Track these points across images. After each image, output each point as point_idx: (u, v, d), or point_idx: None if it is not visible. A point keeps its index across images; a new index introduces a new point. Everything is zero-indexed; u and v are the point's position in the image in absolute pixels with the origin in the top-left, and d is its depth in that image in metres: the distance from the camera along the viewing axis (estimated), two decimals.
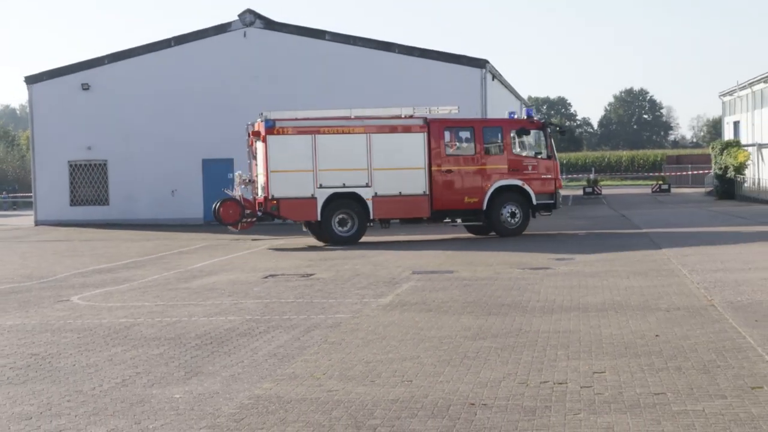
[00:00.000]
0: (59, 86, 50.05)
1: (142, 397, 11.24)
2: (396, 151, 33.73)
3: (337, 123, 33.68)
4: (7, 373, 12.77)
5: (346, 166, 33.31)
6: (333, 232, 33.44)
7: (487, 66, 46.65)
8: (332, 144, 33.31)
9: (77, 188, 49.89)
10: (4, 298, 20.68)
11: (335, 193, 33.25)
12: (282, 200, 32.95)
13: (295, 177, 32.98)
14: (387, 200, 33.58)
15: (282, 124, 33.17)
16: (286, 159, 32.93)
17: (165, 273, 25.33)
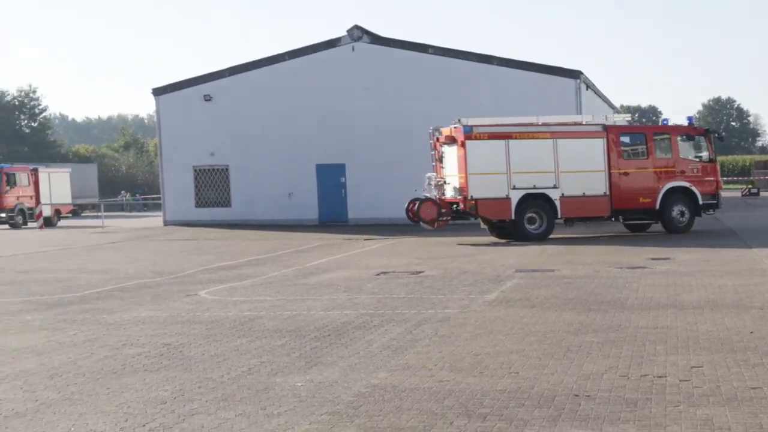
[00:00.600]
0: (183, 97, 50.78)
1: (267, 384, 11.35)
2: (579, 155, 34.17)
3: (526, 129, 34.16)
4: (142, 361, 12.99)
5: (535, 168, 33.76)
6: (525, 230, 33.86)
7: (581, 77, 46.21)
8: (523, 148, 33.76)
9: (201, 191, 50.56)
10: (138, 293, 21.02)
11: (527, 193, 33.74)
12: (480, 200, 33.39)
13: (491, 179, 33.43)
14: (573, 200, 34.03)
15: (478, 130, 33.59)
16: (483, 162, 33.37)
17: (284, 270, 25.53)
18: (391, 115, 47.15)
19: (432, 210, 33.88)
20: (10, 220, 58.21)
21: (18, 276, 25.60)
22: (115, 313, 17.89)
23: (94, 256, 32.01)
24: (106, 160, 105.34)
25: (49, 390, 11.39)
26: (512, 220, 33.85)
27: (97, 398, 10.90)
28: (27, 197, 60.09)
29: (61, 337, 15.24)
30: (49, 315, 17.80)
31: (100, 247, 36.58)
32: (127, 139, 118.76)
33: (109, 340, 14.83)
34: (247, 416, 9.90)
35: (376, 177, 47.10)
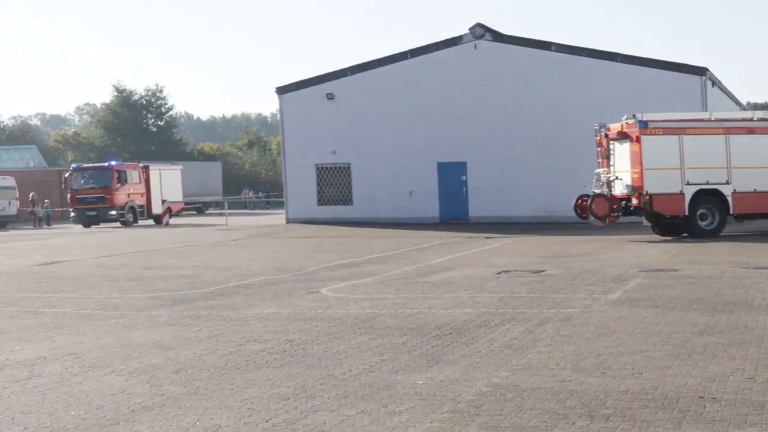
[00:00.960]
0: (306, 96, 51.22)
1: (388, 382, 11.39)
2: (752, 151, 33.80)
3: (699, 125, 34.00)
4: (265, 357, 13.15)
5: (708, 164, 33.55)
6: (697, 226, 33.69)
7: (707, 73, 45.34)
8: (696, 144, 33.55)
9: (324, 189, 50.97)
10: (261, 290, 21.28)
11: (700, 189, 33.53)
12: (654, 196, 33.20)
13: (665, 174, 33.27)
14: (745, 196, 33.71)
15: (653, 125, 33.45)
16: (658, 157, 33.20)
17: (405, 268, 25.60)
18: (513, 113, 46.92)
19: (604, 206, 33.51)
20: (121, 217, 58.56)
21: (144, 272, 26.12)
22: (238, 309, 18.15)
23: (218, 253, 32.50)
24: (229, 158, 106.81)
25: (175, 384, 11.61)
26: (685, 216, 33.54)
27: (221, 393, 11.07)
28: (138, 195, 60.53)
29: (186, 332, 15.52)
30: (175, 311, 18.13)
31: (223, 245, 37.12)
32: (251, 138, 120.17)
33: (233, 336, 15.05)
34: (368, 413, 9.95)
35: (498, 175, 46.93)
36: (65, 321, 17.25)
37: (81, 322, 16.99)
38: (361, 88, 49.87)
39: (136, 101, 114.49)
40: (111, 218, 58.38)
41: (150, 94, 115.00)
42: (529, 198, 46.43)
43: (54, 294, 21.57)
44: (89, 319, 17.33)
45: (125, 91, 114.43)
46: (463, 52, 48.32)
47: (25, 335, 15.73)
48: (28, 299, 20.67)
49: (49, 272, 26.95)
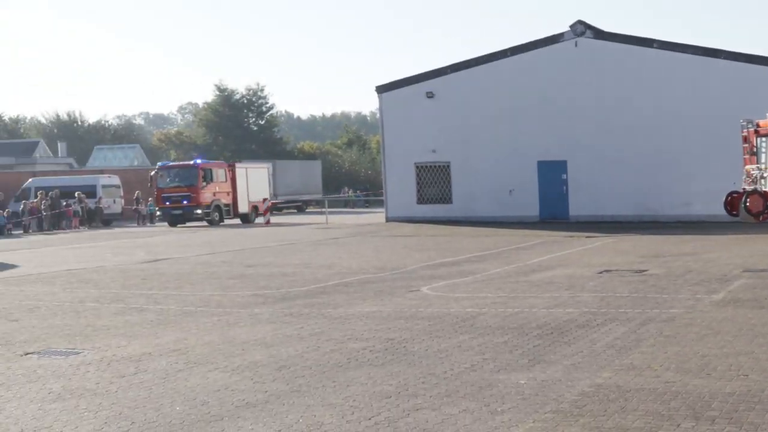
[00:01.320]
0: (406, 94, 51.25)
1: (490, 381, 11.37)
2: None
3: None
4: (367, 356, 13.21)
5: None
6: None
7: None
8: None
9: (423, 188, 50.98)
10: (361, 288, 21.37)
11: None
12: None
13: None
14: None
15: None
16: None
17: (505, 267, 25.51)
18: (614, 111, 46.41)
19: (758, 202, 32.83)
20: (206, 216, 57.71)
21: (246, 270, 26.39)
22: (339, 307, 18.25)
23: (319, 252, 32.70)
24: (329, 156, 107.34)
25: (278, 382, 11.72)
26: None
27: (323, 391, 11.15)
28: (224, 193, 59.61)
29: (288, 330, 15.65)
30: (277, 308, 18.30)
31: (324, 243, 37.34)
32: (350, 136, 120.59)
33: (334, 333, 15.15)
34: (470, 412, 9.95)
35: (598, 173, 46.48)
36: (170, 318, 17.52)
37: (185, 319, 17.24)
38: (462, 86, 49.73)
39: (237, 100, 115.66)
40: (196, 217, 57.67)
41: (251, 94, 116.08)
42: (629, 197, 45.89)
43: (158, 291, 21.91)
44: (193, 316, 17.58)
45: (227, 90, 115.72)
46: (564, 50, 47.91)
47: (130, 331, 16.01)
48: (133, 296, 21.02)
49: (154, 269, 27.38)
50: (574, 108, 47.02)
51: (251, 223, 59.84)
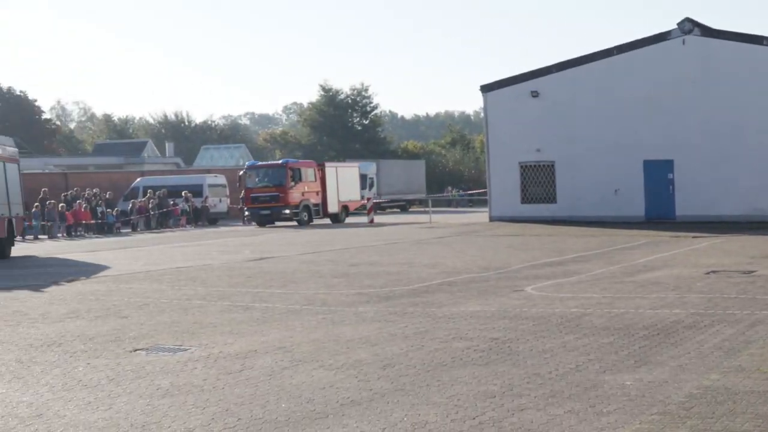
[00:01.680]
0: (510, 94, 51.03)
1: (595, 382, 11.27)
2: None
3: None
4: (471, 355, 13.18)
5: None
6: None
7: None
8: None
9: (527, 187, 50.73)
10: (465, 287, 21.33)
11: None
12: None
13: None
14: None
15: None
16: None
17: (610, 267, 25.26)
18: (722, 110, 45.65)
19: None
20: (295, 216, 56.94)
21: (350, 269, 26.52)
22: (443, 306, 18.25)
23: (423, 251, 32.72)
24: (433, 156, 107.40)
25: (383, 380, 11.76)
26: None
27: (428, 390, 11.16)
28: (312, 193, 58.82)
29: (392, 329, 15.69)
30: (381, 307, 18.35)
31: (427, 242, 37.36)
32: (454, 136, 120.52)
33: (438, 332, 15.15)
34: (576, 413, 9.87)
35: (706, 173, 45.79)
36: (275, 316, 17.68)
37: (290, 317, 17.38)
38: (567, 85, 49.38)
39: (342, 100, 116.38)
40: (284, 217, 56.93)
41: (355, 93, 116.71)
42: (738, 196, 45.12)
43: (264, 289, 22.13)
44: (298, 314, 17.72)
45: (332, 90, 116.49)
46: (671, 48, 47.27)
47: (236, 329, 16.19)
48: (239, 294, 21.25)
49: (259, 268, 27.65)
50: (681, 107, 46.40)
51: (341, 222, 59.48)
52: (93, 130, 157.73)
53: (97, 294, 22.03)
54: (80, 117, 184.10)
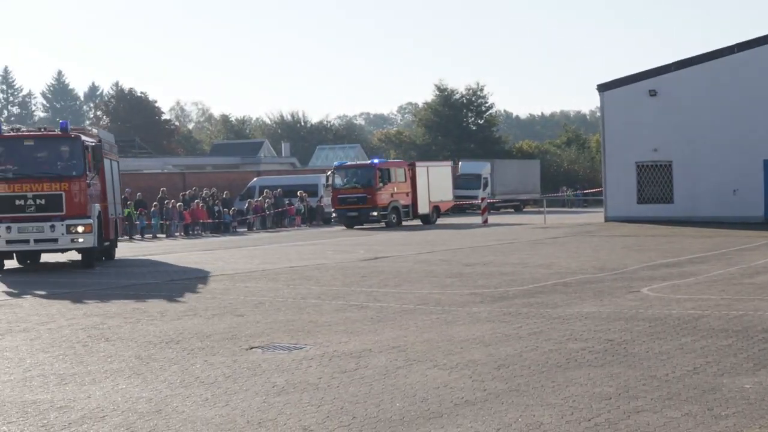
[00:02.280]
0: (628, 93, 50.46)
1: (713, 385, 11.09)
2: None
3: None
4: (586, 356, 13.07)
5: None
6: None
7: None
8: None
9: (644, 187, 50.10)
10: (580, 288, 21.15)
11: None
12: None
13: None
14: None
15: None
16: None
17: (728, 268, 24.81)
18: None
19: None
20: (383, 218, 55.45)
21: (464, 269, 26.47)
22: (558, 307, 18.12)
23: (537, 251, 32.53)
24: (548, 156, 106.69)
25: (497, 380, 11.73)
26: None
27: (542, 390, 11.10)
28: (402, 194, 57.05)
29: (506, 329, 15.64)
30: (495, 307, 18.29)
31: (542, 242, 37.13)
32: (569, 135, 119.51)
33: (552, 333, 15.05)
34: (693, 416, 9.73)
35: None
36: (389, 315, 17.74)
37: (404, 317, 17.43)
38: (685, 84, 48.64)
39: (457, 100, 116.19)
40: (372, 219, 55.30)
41: (470, 93, 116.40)
42: None
43: (378, 288, 22.21)
44: (412, 314, 17.75)
45: (447, 90, 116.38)
46: None
47: (351, 328, 16.28)
48: (354, 293, 21.37)
49: (373, 267, 27.77)
50: None
51: (432, 224, 57.68)
52: (211, 130, 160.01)
53: (214, 292, 22.36)
54: (198, 117, 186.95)
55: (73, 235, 28.94)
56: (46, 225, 28.73)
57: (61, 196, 28.92)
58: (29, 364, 13.70)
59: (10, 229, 28.53)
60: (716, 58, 48.39)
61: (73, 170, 29.42)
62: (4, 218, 28.60)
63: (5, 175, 28.99)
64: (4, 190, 28.78)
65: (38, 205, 28.77)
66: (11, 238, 28.74)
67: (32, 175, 29.07)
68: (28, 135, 30.56)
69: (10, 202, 28.72)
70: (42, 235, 28.83)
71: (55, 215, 28.83)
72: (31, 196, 28.72)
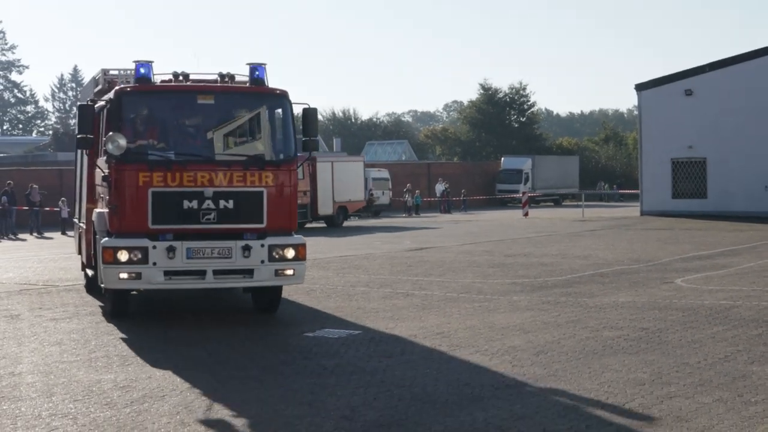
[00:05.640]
0: (664, 92, 50.12)
1: (744, 372, 11.03)
2: None
3: None
4: (621, 344, 13.03)
5: None
6: None
7: None
8: None
9: (678, 183, 49.72)
10: (616, 278, 21.03)
11: None
12: None
13: None
14: None
15: None
16: None
17: (759, 261, 24.57)
18: None
19: None
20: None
21: (506, 259, 26.41)
22: (595, 296, 18.05)
23: (575, 243, 32.38)
24: (586, 152, 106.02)
25: (536, 366, 11.72)
26: None
27: (579, 376, 11.08)
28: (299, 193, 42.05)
29: (545, 317, 15.61)
30: (534, 296, 18.25)
31: (580, 235, 36.95)
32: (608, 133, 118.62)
33: (589, 322, 15.00)
34: (724, 402, 9.68)
35: None
36: (433, 302, 17.75)
37: (448, 304, 17.43)
38: (720, 84, 48.17)
39: (500, 98, 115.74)
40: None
41: (513, 92, 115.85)
42: None
43: (423, 277, 22.22)
44: (455, 302, 17.75)
45: (491, 89, 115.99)
46: None
47: (397, 314, 16.31)
48: (400, 282, 21.39)
49: (419, 257, 27.75)
50: None
51: (338, 227, 48.41)
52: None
53: None
54: None
55: (278, 263, 15.56)
56: (235, 246, 15.36)
57: (261, 195, 15.54)
58: (94, 346, 13.84)
59: (174, 251, 15.07)
60: (749, 59, 47.90)
61: (280, 151, 16.29)
62: (165, 230, 15.21)
63: (166, 157, 15.44)
64: (163, 182, 15.11)
65: (221, 211, 15.31)
66: (176, 267, 15.19)
67: (210, 159, 15.59)
68: (201, 87, 16.32)
69: (175, 205, 15.22)
70: (228, 263, 15.35)
71: (250, 228, 15.54)
72: (211, 194, 15.21)
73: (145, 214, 15.03)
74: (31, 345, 13.94)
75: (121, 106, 15.44)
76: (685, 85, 49.26)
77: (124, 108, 15.47)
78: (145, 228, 15.07)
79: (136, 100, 15.77)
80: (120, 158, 14.99)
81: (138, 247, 14.97)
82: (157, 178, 15.06)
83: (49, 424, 9.52)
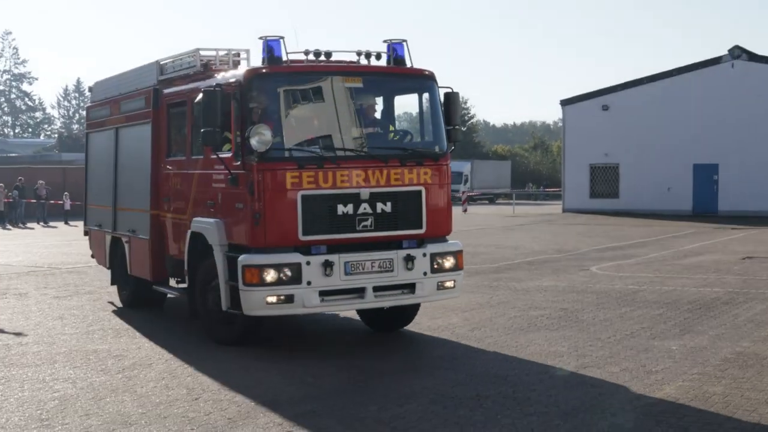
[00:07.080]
0: (585, 107, 50.41)
1: (646, 346, 11.16)
2: None
3: None
4: (544, 321, 13.13)
5: None
6: None
7: None
8: None
9: (595, 184, 50.05)
10: (541, 266, 21.17)
11: None
12: None
13: None
14: None
15: None
16: None
17: (662, 252, 24.83)
18: (763, 123, 44.52)
19: None
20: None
21: None
22: (522, 281, 18.16)
23: (507, 235, 32.52)
24: (517, 158, 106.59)
25: (471, 340, 11.80)
26: None
27: (508, 348, 11.17)
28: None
29: (480, 299, 15.69)
30: (471, 281, 18.27)
31: (511, 229, 37.12)
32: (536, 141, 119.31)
33: (518, 303, 15.11)
34: (629, 371, 9.81)
35: (746, 176, 44.68)
36: None
37: None
38: (632, 101, 48.57)
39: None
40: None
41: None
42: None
43: None
44: None
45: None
46: (721, 71, 46.18)
47: None
48: None
49: None
50: (728, 119, 45.26)
51: None
52: None
53: None
54: None
55: (440, 275, 11.57)
56: (396, 256, 11.21)
57: (420, 195, 11.40)
58: (91, 320, 13.76)
59: (331, 267, 10.81)
60: (658, 80, 48.33)
61: (434, 142, 12.00)
62: (318, 242, 10.87)
63: (315, 153, 11.00)
64: (314, 183, 10.82)
65: (379, 216, 11.13)
66: (333, 286, 10.90)
67: (364, 154, 11.26)
68: (348, 67, 11.89)
69: (329, 210, 10.94)
70: (389, 277, 11.17)
71: (410, 234, 11.40)
72: (368, 196, 11.01)
73: (295, 222, 10.65)
74: (37, 319, 13.84)
75: (261, 92, 10.97)
76: (603, 101, 49.67)
77: (262, 94, 10.98)
78: (295, 240, 10.70)
79: (274, 84, 11.04)
80: (262, 155, 10.56)
81: (289, 264, 10.58)
82: (308, 178, 10.70)
83: (52, 387, 9.48)
